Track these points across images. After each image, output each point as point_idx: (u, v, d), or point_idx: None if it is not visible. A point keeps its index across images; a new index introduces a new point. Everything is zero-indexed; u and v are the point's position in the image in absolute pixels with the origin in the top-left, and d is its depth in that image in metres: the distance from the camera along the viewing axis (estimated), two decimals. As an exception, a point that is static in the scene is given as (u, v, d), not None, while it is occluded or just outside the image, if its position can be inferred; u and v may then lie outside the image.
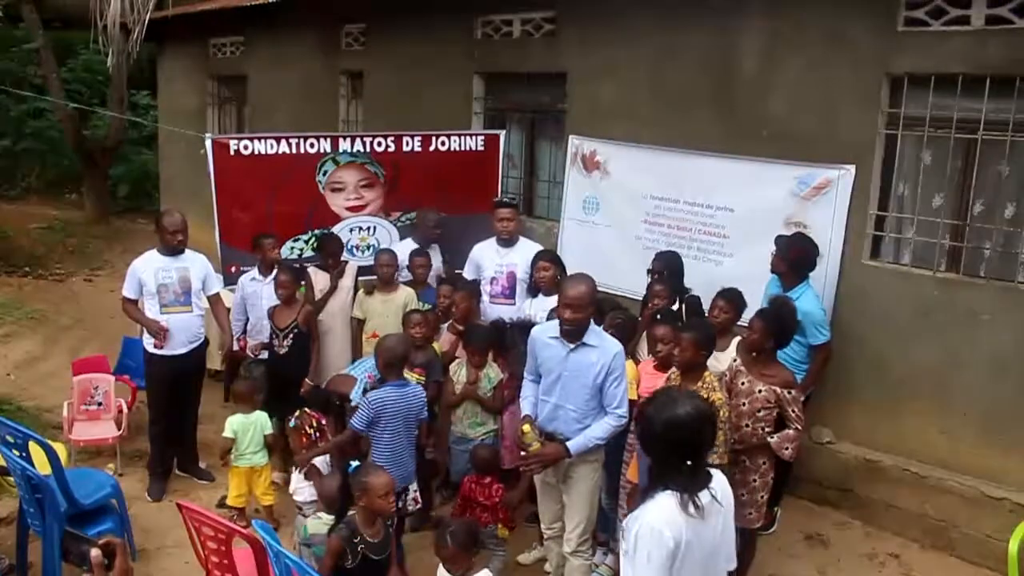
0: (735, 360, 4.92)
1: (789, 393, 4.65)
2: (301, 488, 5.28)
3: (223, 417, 6.06)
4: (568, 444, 4.40)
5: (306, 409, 5.46)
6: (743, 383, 4.73)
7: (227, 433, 5.68)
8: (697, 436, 2.86)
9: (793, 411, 4.64)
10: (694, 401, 2.92)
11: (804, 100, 6.02)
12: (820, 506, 6.10)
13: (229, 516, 5.75)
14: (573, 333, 4.37)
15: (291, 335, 6.10)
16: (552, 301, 5.83)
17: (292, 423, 5.38)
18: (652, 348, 5.05)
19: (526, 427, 4.45)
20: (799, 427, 4.66)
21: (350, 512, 4.06)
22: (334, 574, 3.91)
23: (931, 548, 5.61)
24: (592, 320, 4.45)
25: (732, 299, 5.31)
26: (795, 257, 5.61)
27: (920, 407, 5.69)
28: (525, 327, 5.92)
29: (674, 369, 4.75)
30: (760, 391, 4.66)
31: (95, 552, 2.24)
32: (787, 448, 4.64)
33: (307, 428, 5.36)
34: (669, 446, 2.85)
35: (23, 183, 17.39)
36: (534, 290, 6.26)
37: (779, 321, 4.76)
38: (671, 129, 6.73)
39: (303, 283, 6.49)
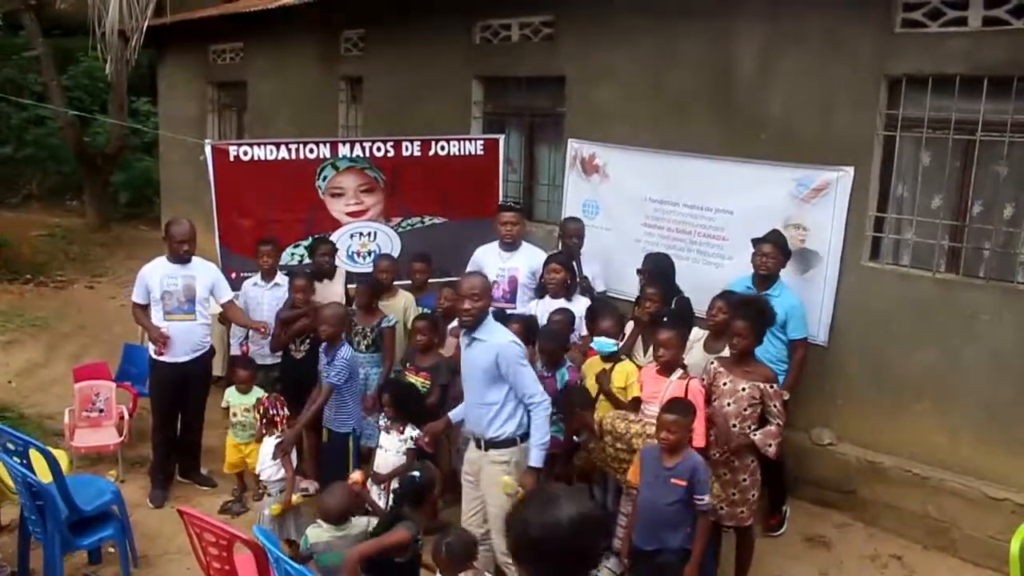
0: (712, 362, 4.95)
1: (771, 387, 4.71)
2: (267, 467, 5.36)
3: (227, 425, 6.11)
4: (530, 464, 4.58)
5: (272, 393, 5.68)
6: (725, 383, 4.76)
7: (223, 404, 6.08)
8: (582, 547, 2.34)
9: (775, 406, 4.69)
10: (580, 502, 2.38)
11: (802, 102, 6.03)
12: (821, 508, 6.09)
13: (230, 517, 5.80)
14: (469, 326, 4.62)
15: (308, 340, 6.10)
16: (559, 303, 5.91)
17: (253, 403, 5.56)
18: (655, 352, 5.03)
19: (505, 480, 4.59)
20: (780, 423, 4.70)
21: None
22: (370, 568, 3.97)
23: (933, 549, 5.60)
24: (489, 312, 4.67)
25: (731, 301, 5.32)
26: (789, 254, 5.72)
27: (921, 408, 5.69)
28: (528, 323, 5.97)
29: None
30: (744, 389, 4.70)
31: None
32: (770, 445, 4.66)
33: (265, 410, 5.52)
34: (545, 558, 2.31)
35: (24, 190, 17.45)
36: (541, 291, 6.24)
37: (762, 319, 4.82)
38: (670, 132, 6.74)
39: None
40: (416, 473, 4.50)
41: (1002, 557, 4.75)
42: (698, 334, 5.49)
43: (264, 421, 5.49)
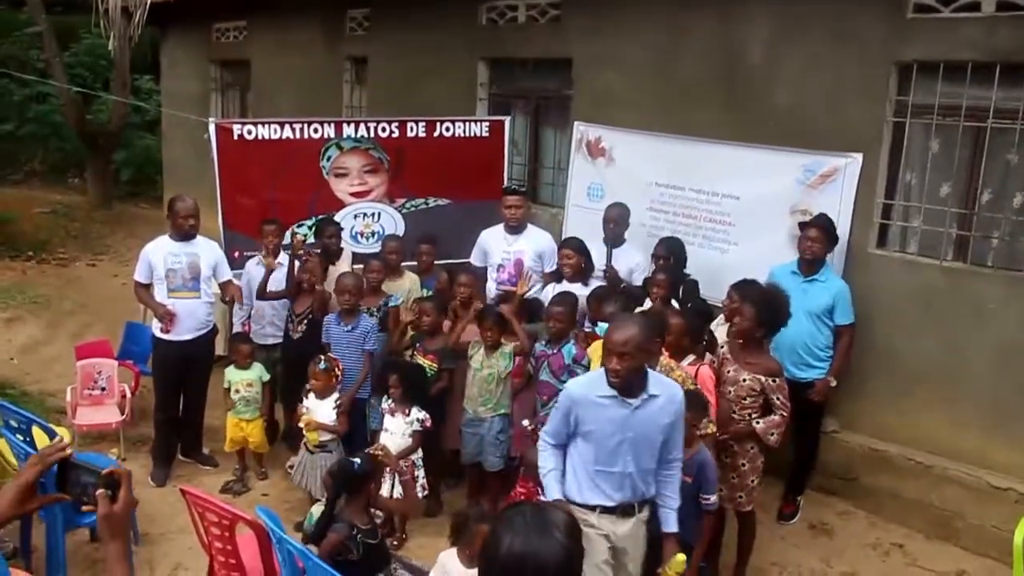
0: (722, 347, 4.92)
1: (773, 381, 4.66)
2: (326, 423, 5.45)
3: (228, 405, 6.11)
4: (670, 530, 3.88)
5: (329, 354, 5.61)
6: (729, 371, 4.76)
7: (224, 384, 6.11)
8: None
9: (778, 399, 4.66)
10: (564, 525, 2.03)
11: (811, 87, 5.98)
12: (825, 495, 6.09)
13: (232, 497, 5.80)
14: (630, 387, 3.67)
15: (306, 320, 6.11)
16: (574, 288, 5.85)
17: (322, 365, 5.46)
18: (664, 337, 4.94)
19: (680, 558, 3.84)
20: (784, 413, 4.66)
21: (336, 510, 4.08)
22: (340, 569, 3.89)
23: (936, 538, 5.59)
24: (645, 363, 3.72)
25: (742, 289, 5.27)
26: (837, 238, 5.66)
27: (926, 397, 5.67)
28: (532, 306, 5.94)
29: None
30: (744, 380, 4.68)
31: (100, 491, 2.04)
32: (772, 434, 4.65)
33: (337, 370, 5.53)
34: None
35: (26, 167, 17.40)
36: (558, 276, 6.19)
37: (769, 308, 4.74)
38: (677, 116, 6.69)
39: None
40: (358, 460, 4.34)
41: (1004, 547, 4.75)
42: (720, 320, 5.51)
43: (329, 378, 5.49)
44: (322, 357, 5.51)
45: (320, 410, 5.49)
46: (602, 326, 5.20)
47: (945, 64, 5.41)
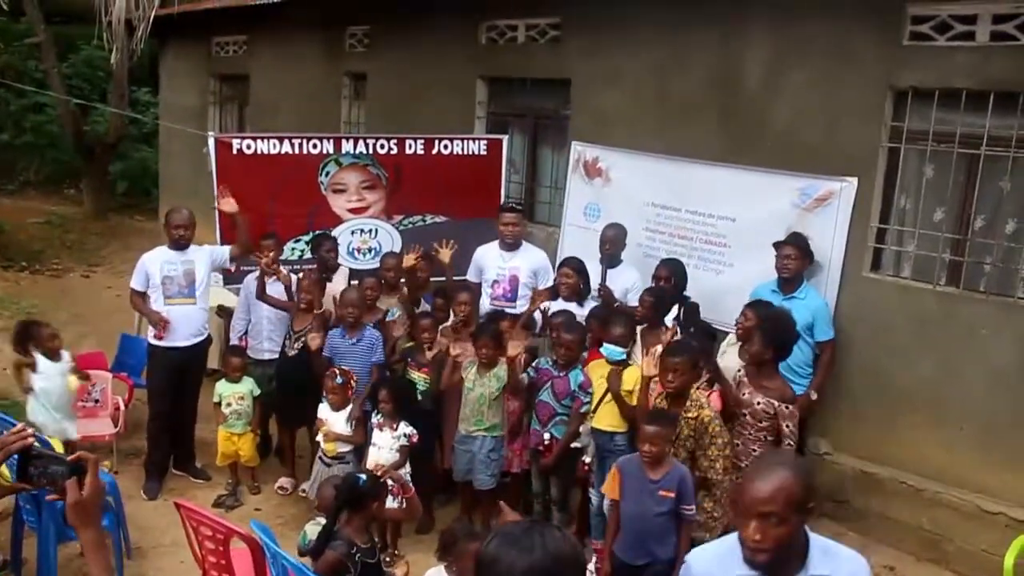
0: (739, 371, 4.94)
1: (787, 408, 4.68)
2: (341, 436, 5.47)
3: (220, 418, 6.10)
4: None
5: (340, 366, 5.64)
6: (744, 394, 4.76)
7: (214, 399, 6.10)
8: None
9: (788, 426, 4.67)
10: (553, 543, 1.90)
11: (808, 112, 6.04)
12: (816, 518, 6.08)
13: (224, 511, 5.79)
14: (782, 565, 2.41)
15: (302, 339, 6.10)
16: (571, 308, 5.87)
17: (339, 380, 5.49)
18: (664, 379, 4.75)
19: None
20: (791, 443, 4.67)
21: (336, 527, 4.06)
22: None
23: (926, 561, 5.61)
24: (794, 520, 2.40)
25: (758, 310, 5.31)
26: (811, 255, 5.74)
27: (918, 420, 5.70)
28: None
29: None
30: (758, 403, 4.70)
31: (70, 480, 1.98)
32: None
33: (352, 382, 5.56)
34: None
35: (21, 177, 17.38)
36: (555, 294, 6.19)
37: (778, 333, 4.77)
38: (674, 137, 6.75)
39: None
40: (362, 476, 4.31)
41: (994, 571, 4.78)
42: (732, 339, 5.53)
43: (345, 391, 5.52)
44: (337, 371, 5.53)
45: (336, 422, 5.52)
46: (607, 348, 5.24)
47: (940, 91, 5.48)
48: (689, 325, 5.65)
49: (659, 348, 4.77)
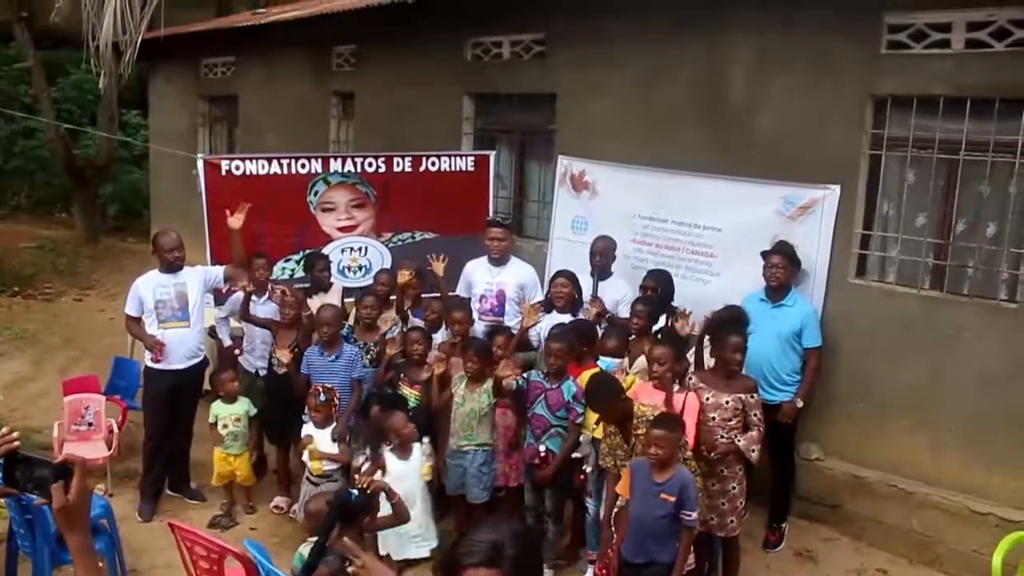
0: (690, 379, 5.05)
1: (752, 397, 4.91)
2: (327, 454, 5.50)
3: (215, 439, 6.13)
4: None
5: (324, 384, 5.67)
6: (708, 398, 4.87)
7: (210, 419, 6.12)
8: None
9: (755, 415, 4.89)
10: (509, 524, 2.11)
11: (790, 121, 6.11)
12: (808, 522, 6.14)
13: (220, 531, 5.80)
14: None
15: (292, 352, 6.13)
16: (566, 320, 5.89)
17: (322, 398, 5.54)
18: (650, 368, 5.08)
19: None
20: (761, 428, 4.87)
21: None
22: None
23: (918, 563, 5.65)
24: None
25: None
26: (799, 263, 5.83)
27: (906, 423, 5.75)
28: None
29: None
30: (727, 402, 4.86)
31: (56, 484, 1.96)
32: (753, 450, 4.82)
33: (335, 399, 5.61)
34: None
35: (12, 202, 17.37)
36: (548, 306, 6.20)
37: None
38: (659, 149, 6.81)
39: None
40: (355, 491, 4.28)
41: (985, 571, 4.82)
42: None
43: (329, 409, 5.56)
44: (320, 389, 5.55)
45: (322, 440, 5.55)
46: (603, 360, 5.28)
47: (918, 98, 5.56)
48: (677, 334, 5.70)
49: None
